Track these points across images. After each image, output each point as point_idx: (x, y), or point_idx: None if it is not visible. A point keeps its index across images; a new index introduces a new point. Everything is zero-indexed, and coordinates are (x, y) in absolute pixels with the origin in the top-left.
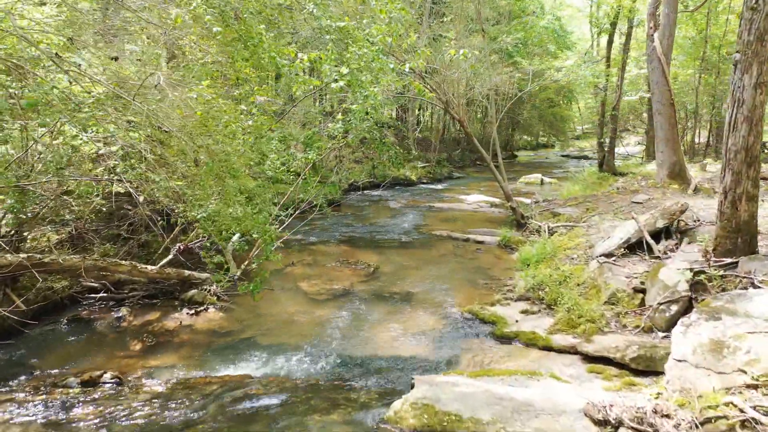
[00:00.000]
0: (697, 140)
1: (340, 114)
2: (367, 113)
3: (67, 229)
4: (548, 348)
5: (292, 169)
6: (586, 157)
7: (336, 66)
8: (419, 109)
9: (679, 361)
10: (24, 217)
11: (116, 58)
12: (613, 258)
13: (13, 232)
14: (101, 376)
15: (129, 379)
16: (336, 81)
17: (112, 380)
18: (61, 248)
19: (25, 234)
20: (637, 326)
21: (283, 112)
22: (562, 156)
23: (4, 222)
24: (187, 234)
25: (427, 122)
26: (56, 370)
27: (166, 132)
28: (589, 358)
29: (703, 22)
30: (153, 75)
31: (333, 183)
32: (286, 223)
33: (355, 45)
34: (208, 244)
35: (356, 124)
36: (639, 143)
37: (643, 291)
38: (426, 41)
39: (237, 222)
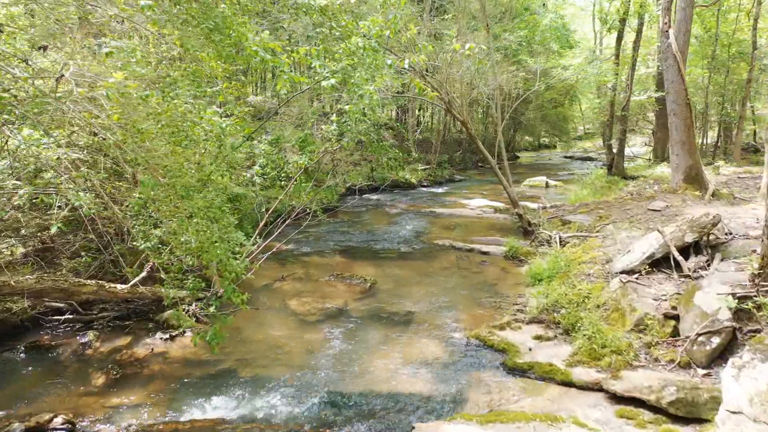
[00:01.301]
0: (704, 141)
1: (335, 115)
2: (364, 114)
3: (31, 243)
4: (568, 383)
5: (283, 173)
6: (590, 159)
7: (327, 62)
8: (419, 110)
9: (734, 413)
10: None
11: (45, 48)
12: (636, 275)
13: None
14: (51, 420)
15: (83, 423)
16: (326, 78)
17: (63, 426)
18: (25, 264)
19: None
20: (672, 360)
21: (275, 112)
22: (565, 157)
23: None
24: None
25: (427, 123)
26: (2, 412)
27: (104, 140)
28: (616, 398)
29: (712, 20)
30: (66, 66)
31: (329, 187)
32: (277, 231)
33: (340, 30)
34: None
35: (352, 125)
36: (645, 144)
37: (676, 317)
38: (426, 39)
39: (190, 252)
